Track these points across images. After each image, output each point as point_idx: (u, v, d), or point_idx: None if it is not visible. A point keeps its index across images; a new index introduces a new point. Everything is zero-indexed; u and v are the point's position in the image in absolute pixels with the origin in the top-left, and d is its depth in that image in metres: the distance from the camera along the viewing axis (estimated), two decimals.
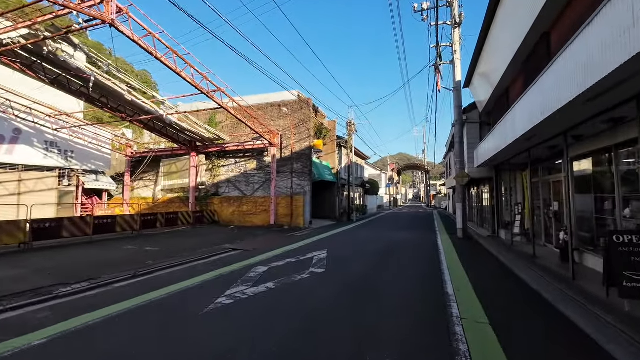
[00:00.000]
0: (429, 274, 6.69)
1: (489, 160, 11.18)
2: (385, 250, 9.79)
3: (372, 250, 9.78)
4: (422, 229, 16.64)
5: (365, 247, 10.28)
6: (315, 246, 10.47)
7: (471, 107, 14.59)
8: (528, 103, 6.33)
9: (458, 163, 13.09)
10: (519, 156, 10.05)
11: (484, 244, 11.26)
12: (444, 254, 9.09)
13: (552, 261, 7.95)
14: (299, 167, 17.98)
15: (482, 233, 14.58)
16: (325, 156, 22.96)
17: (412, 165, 61.07)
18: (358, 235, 13.70)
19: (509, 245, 10.68)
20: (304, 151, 17.96)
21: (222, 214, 18.97)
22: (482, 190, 17.24)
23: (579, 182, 8.20)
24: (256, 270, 6.84)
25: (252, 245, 10.68)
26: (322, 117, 22.57)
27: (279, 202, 17.84)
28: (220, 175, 19.66)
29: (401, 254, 9.09)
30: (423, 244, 11.18)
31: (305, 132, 18.00)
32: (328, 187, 22.75)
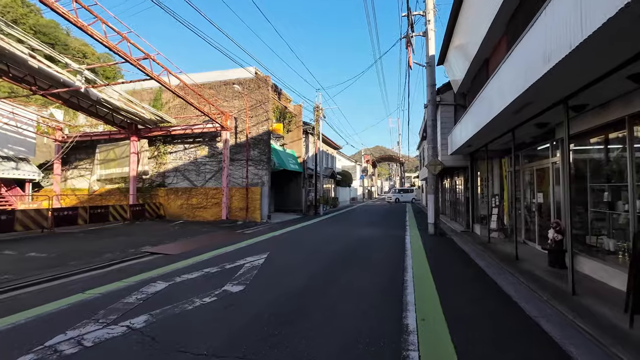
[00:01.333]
0: (388, 291, 4.95)
1: (465, 144, 9.65)
2: (342, 252, 8.03)
3: (327, 252, 7.99)
4: (391, 224, 15.12)
5: (321, 248, 8.49)
6: (259, 247, 8.56)
7: (445, 87, 13.06)
8: (522, 55, 4.64)
9: (430, 149, 11.54)
10: (500, 140, 8.55)
11: (458, 242, 9.79)
12: (411, 257, 7.45)
13: (539, 265, 6.48)
14: (256, 155, 15.88)
15: (455, 228, 13.25)
16: (290, 144, 20.94)
17: (387, 157, 60.19)
18: (318, 233, 11.91)
19: (485, 243, 9.26)
20: (261, 136, 15.86)
21: (169, 207, 16.59)
22: (455, 181, 15.93)
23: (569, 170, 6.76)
24: (147, 290, 4.83)
25: (183, 248, 8.60)
26: (287, 101, 20.48)
27: (233, 194, 15.72)
28: (167, 163, 17.19)
29: (361, 258, 7.36)
30: (389, 243, 9.55)
31: (263, 114, 15.88)
32: (293, 177, 20.81)
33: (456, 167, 12.96)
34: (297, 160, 20.52)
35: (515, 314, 4.03)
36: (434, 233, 11.19)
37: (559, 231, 6.30)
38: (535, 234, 8.28)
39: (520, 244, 9.02)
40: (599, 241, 5.84)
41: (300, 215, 19.52)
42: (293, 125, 20.72)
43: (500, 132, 7.73)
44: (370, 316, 3.89)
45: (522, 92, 4.62)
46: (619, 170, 5.34)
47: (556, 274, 5.80)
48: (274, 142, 18.11)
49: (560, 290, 4.88)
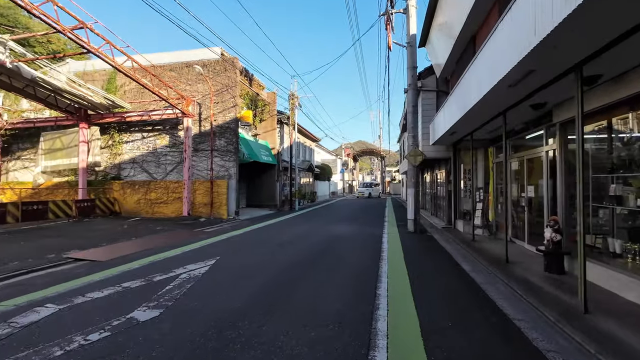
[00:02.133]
0: (354, 317, 3.82)
1: (449, 132, 8.66)
2: (307, 256, 6.87)
3: (288, 256, 6.81)
4: (369, 219, 14.11)
5: (283, 251, 7.29)
6: (211, 251, 7.27)
7: (427, 72, 12.04)
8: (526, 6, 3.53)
9: (411, 138, 10.51)
10: (487, 126, 7.59)
11: (440, 240, 8.83)
12: (387, 261, 6.38)
13: (534, 270, 5.54)
14: (222, 144, 14.41)
15: (436, 223, 12.38)
16: (263, 134, 19.53)
17: (368, 150, 59.51)
18: (287, 231, 10.71)
19: (469, 241, 8.35)
20: (228, 124, 14.39)
21: (125, 203, 14.90)
22: (437, 174, 15.09)
23: (568, 158, 5.86)
24: (22, 319, 3.49)
25: (118, 252, 7.18)
26: (260, 88, 19.00)
27: (197, 188, 14.22)
28: (123, 153, 15.43)
29: (327, 264, 6.22)
30: (364, 244, 8.47)
31: (230, 100, 14.39)
32: (267, 170, 19.45)
33: (438, 158, 12.04)
34: (271, 152, 19.15)
35: (523, 349, 2.97)
36: (413, 230, 10.22)
37: (557, 230, 5.37)
38: (525, 231, 7.41)
39: (505, 242, 8.16)
40: (603, 242, 4.95)
41: (274, 211, 18.24)
42: (266, 114, 19.29)
43: (489, 116, 6.73)
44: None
45: (527, 54, 3.54)
46: (631, 159, 4.41)
47: (556, 282, 4.86)
48: (243, 131, 16.67)
49: (568, 306, 3.90)
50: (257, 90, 18.41)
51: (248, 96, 16.79)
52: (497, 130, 8.24)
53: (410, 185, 10.54)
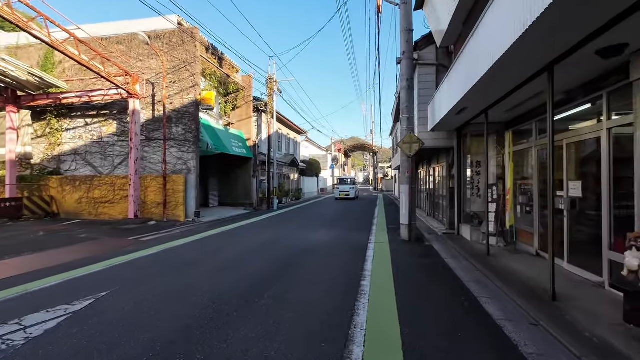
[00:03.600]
0: None
1: (455, 109, 6.47)
2: (248, 289, 4.63)
3: (220, 287, 4.58)
4: (354, 221, 11.92)
5: (218, 277, 5.05)
6: (114, 276, 4.98)
7: (425, 42, 9.81)
8: None
9: (405, 121, 8.30)
10: (510, 100, 5.44)
11: (442, 254, 6.64)
12: (369, 297, 4.18)
13: (604, 317, 3.36)
14: (179, 132, 12.03)
15: (433, 227, 10.24)
16: (237, 123, 17.16)
17: (359, 145, 57.39)
18: (246, 240, 8.45)
19: (483, 256, 6.20)
20: (187, 108, 12.00)
21: (65, 202, 12.44)
22: (434, 168, 12.94)
23: (620, 142, 3.72)
24: None
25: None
26: (233, 70, 16.60)
27: (148, 185, 11.84)
28: (63, 143, 12.94)
29: (276, 304, 3.99)
30: (341, 261, 6.26)
31: (189, 79, 11.99)
32: (241, 164, 17.10)
33: (437, 148, 9.86)
34: (246, 144, 16.80)
35: None
36: (408, 238, 8.05)
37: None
38: (564, 245, 5.26)
39: (532, 257, 6.04)
40: None
41: (249, 210, 15.95)
42: (240, 100, 16.90)
43: (521, 77, 4.53)
44: None
45: None
46: None
47: None
48: (208, 117, 14.29)
49: None
50: (230, 72, 16.00)
51: (216, 77, 14.38)
52: (520, 106, 6.08)
53: (404, 181, 8.34)
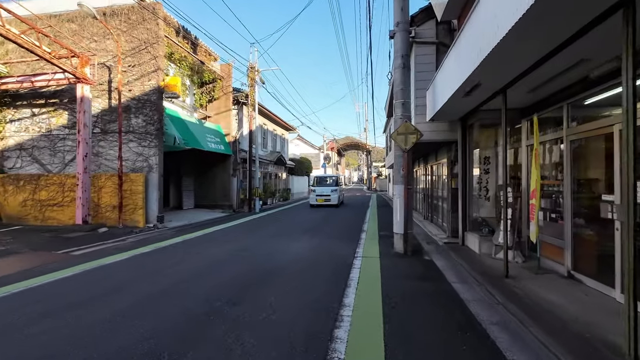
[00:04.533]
0: None
1: (464, 88, 4.99)
2: (167, 339, 3.08)
3: (132, 338, 3.02)
4: (341, 226, 10.43)
5: (139, 319, 3.53)
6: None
7: (423, 16, 8.33)
8: None
9: (399, 108, 6.81)
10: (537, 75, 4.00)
11: (447, 274, 5.15)
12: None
13: None
14: (139, 124, 10.40)
15: (433, 233, 8.78)
16: (215, 116, 15.54)
17: (353, 144, 55.97)
18: (211, 252, 6.93)
19: (499, 278, 4.74)
20: (148, 96, 10.37)
21: (7, 204, 10.73)
22: (432, 166, 11.51)
23: None
24: None
25: None
26: (210, 58, 14.97)
27: (102, 185, 10.20)
28: (7, 137, 11.22)
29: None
30: (314, 287, 4.79)
31: (150, 63, 10.37)
32: (220, 162, 15.49)
33: (437, 142, 8.40)
34: (224, 139, 15.19)
35: None
36: (403, 251, 6.56)
37: None
38: (616, 269, 3.81)
39: (564, 280, 4.58)
40: None
41: (228, 213, 14.36)
42: (219, 91, 15.28)
43: (570, 29, 3.05)
44: None
45: None
46: None
47: None
48: (177, 108, 12.68)
49: None
50: (206, 60, 14.37)
51: (187, 64, 12.76)
52: (549, 83, 4.65)
53: (398, 181, 6.85)
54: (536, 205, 4.83)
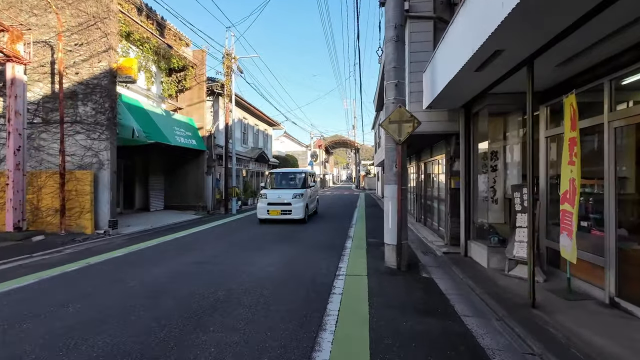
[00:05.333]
0: None
1: (474, 61, 3.78)
2: None
3: None
4: (323, 235, 9.19)
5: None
6: None
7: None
8: None
9: (392, 90, 5.58)
10: (572, 42, 2.79)
11: (459, 309, 3.89)
12: None
13: None
14: (87, 113, 8.88)
15: (429, 240, 7.62)
16: (187, 108, 14.05)
17: (341, 141, 54.83)
18: (162, 267, 5.59)
19: (525, 308, 3.56)
20: (98, 80, 8.86)
21: None
22: (426, 163, 10.38)
23: None
24: None
25: None
26: (181, 43, 13.47)
27: (43, 184, 8.66)
28: None
29: None
30: (275, 329, 3.46)
31: (100, 41, 8.85)
32: (192, 158, 14.01)
33: (435, 134, 7.21)
34: (198, 133, 13.72)
35: None
36: (396, 265, 5.35)
37: None
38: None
39: (607, 310, 3.44)
40: None
41: (201, 215, 12.93)
42: (191, 79, 13.79)
43: None
44: None
45: None
46: None
47: None
48: (139, 96, 11.17)
49: None
50: (175, 44, 12.85)
51: (151, 46, 11.24)
52: (586, 54, 3.50)
53: (390, 180, 5.63)
54: (574, 213, 3.66)
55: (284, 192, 10.93)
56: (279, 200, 10.58)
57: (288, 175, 12.24)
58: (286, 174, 12.40)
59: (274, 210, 10.49)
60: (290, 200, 10.50)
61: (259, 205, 10.83)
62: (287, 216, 10.42)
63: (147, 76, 11.87)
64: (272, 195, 10.77)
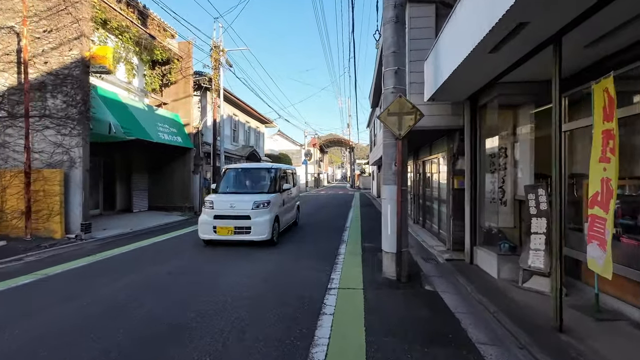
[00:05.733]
0: None
1: (491, 39, 3.17)
2: None
3: None
4: (315, 239, 8.57)
5: None
6: None
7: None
8: None
9: (391, 77, 4.96)
10: (609, 16, 2.15)
11: (474, 335, 3.27)
12: None
13: None
14: (58, 106, 8.13)
15: (429, 245, 7.04)
16: (173, 104, 13.30)
17: (336, 140, 54.26)
18: (126, 282, 4.91)
19: (552, 334, 2.96)
20: (69, 70, 8.10)
21: None
22: (425, 160, 9.82)
23: None
24: None
25: None
26: (166, 35, 12.71)
27: (7, 184, 7.90)
28: None
29: None
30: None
31: (71, 27, 8.10)
32: (178, 156, 13.27)
33: (436, 129, 6.61)
34: (184, 130, 12.99)
35: None
36: (395, 276, 4.74)
37: None
38: None
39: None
40: None
41: (187, 217, 12.21)
42: (177, 73, 13.04)
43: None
44: None
45: None
46: None
47: None
48: (119, 90, 10.42)
49: None
50: (160, 35, 12.10)
51: (132, 36, 10.48)
52: (622, 30, 2.93)
53: (389, 180, 5.01)
54: (607, 219, 3.07)
55: (242, 198, 7.25)
56: (231, 212, 6.97)
57: (250, 173, 8.47)
58: (248, 170, 8.58)
59: (223, 227, 6.93)
60: (249, 212, 6.90)
61: (201, 219, 7.22)
62: (244, 237, 6.88)
63: (128, 68, 11.11)
64: (221, 204, 7.14)
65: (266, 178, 8.13)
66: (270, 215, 7.10)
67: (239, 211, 6.94)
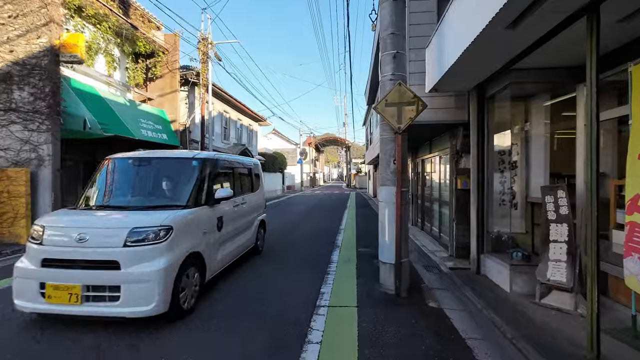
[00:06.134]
0: None
1: (504, 15, 2.58)
2: None
3: None
4: (305, 245, 7.96)
5: None
6: None
7: None
8: None
9: (389, 62, 4.36)
10: None
11: None
12: None
13: None
14: (24, 99, 7.43)
15: (428, 249, 6.46)
16: (159, 99, 12.60)
17: (331, 139, 53.73)
18: None
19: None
20: (37, 59, 7.41)
21: None
22: (425, 159, 9.26)
23: None
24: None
25: None
26: (151, 26, 12.02)
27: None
28: None
29: None
30: None
31: (39, 12, 7.40)
32: None
33: (438, 124, 6.02)
34: (170, 127, 12.30)
35: None
36: (394, 291, 4.15)
37: None
38: None
39: None
40: None
41: None
42: (162, 67, 12.35)
43: None
44: None
45: None
46: None
47: None
48: (91, 81, 9.71)
49: None
50: (144, 26, 11.40)
51: (111, 24, 9.77)
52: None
53: (387, 180, 4.42)
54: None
55: (108, 220, 3.52)
56: (78, 251, 3.10)
57: (152, 168, 4.53)
58: (148, 163, 4.59)
59: (60, 287, 3.04)
60: (115, 253, 3.10)
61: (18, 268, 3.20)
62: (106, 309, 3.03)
63: (108, 60, 10.41)
64: (60, 234, 3.25)
65: (182, 178, 4.25)
66: (170, 259, 3.23)
67: (93, 250, 3.09)
